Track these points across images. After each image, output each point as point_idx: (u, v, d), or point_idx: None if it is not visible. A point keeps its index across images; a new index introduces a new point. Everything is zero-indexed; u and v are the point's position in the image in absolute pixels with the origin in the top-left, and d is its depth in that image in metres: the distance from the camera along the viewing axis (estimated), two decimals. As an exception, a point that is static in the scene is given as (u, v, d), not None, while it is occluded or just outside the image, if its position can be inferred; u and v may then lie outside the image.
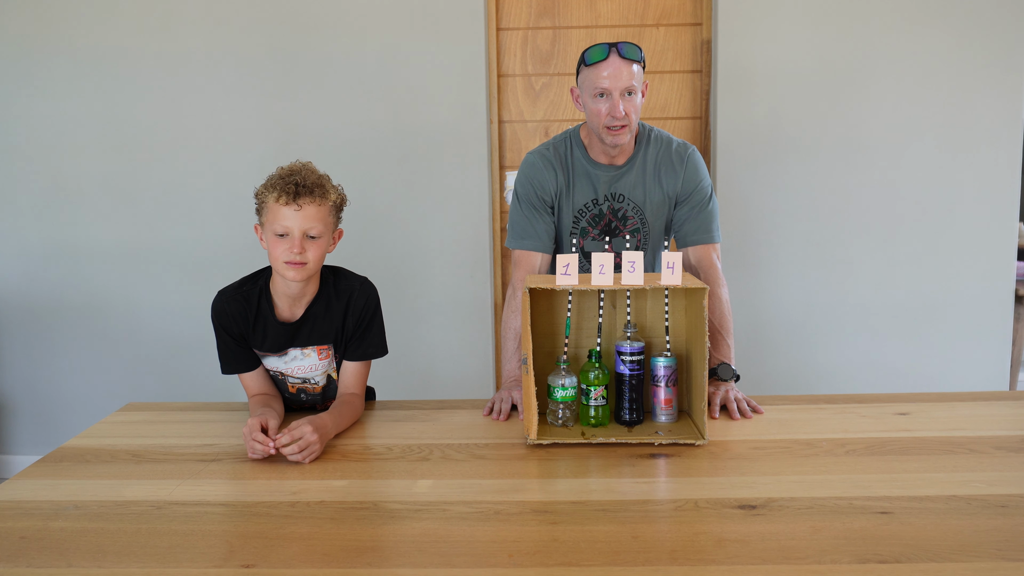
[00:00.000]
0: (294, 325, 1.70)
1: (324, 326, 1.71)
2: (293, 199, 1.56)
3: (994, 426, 1.62)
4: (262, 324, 1.69)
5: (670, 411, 1.64)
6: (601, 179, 1.93)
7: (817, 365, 3.02)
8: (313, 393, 1.79)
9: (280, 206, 1.57)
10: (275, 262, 1.60)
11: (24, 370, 3.19)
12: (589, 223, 1.96)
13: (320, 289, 1.71)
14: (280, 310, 1.69)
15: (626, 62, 1.78)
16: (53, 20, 2.99)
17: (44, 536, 1.24)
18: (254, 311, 1.68)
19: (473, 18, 2.92)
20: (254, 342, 1.70)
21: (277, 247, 1.58)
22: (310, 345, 1.71)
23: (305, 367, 1.73)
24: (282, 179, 1.58)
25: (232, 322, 1.68)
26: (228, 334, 1.69)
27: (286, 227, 1.57)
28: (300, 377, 1.75)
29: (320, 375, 1.76)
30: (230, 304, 1.68)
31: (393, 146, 2.99)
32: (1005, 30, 2.83)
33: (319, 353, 1.73)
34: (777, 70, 2.89)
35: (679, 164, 1.92)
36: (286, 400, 1.79)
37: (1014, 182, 2.91)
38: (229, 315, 1.68)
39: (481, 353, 3.07)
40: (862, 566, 1.08)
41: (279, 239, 1.58)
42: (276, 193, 1.57)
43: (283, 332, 1.70)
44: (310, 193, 1.57)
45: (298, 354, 1.72)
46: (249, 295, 1.69)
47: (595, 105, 1.81)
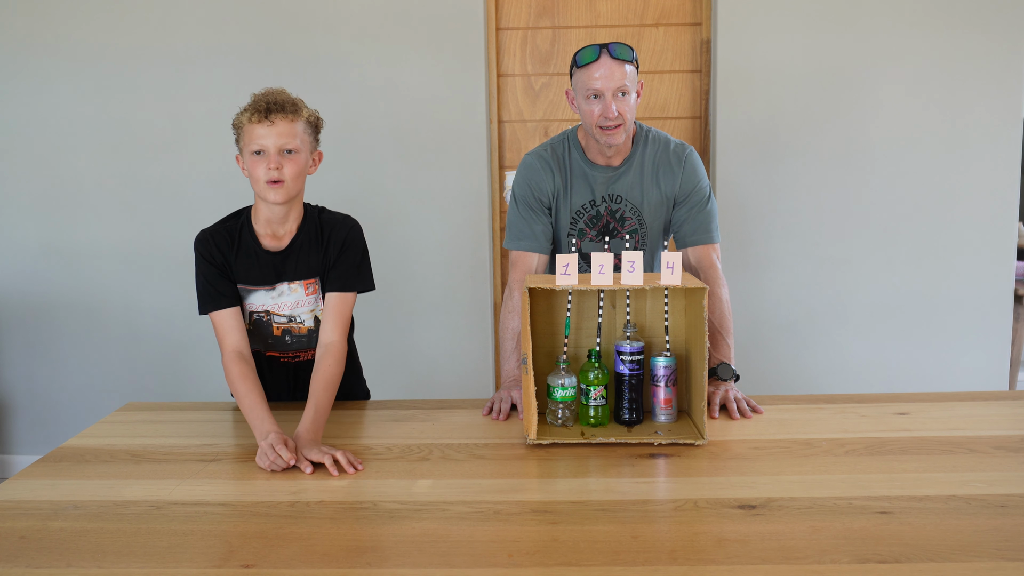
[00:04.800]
0: (281, 255, 1.72)
1: (311, 259, 1.73)
2: (265, 116, 1.60)
3: (993, 426, 1.62)
4: (248, 254, 1.71)
5: (670, 411, 1.64)
6: (598, 180, 1.93)
7: (817, 365, 3.02)
8: (299, 335, 1.78)
9: (254, 125, 1.60)
10: (257, 184, 1.63)
11: (24, 370, 3.19)
12: (587, 224, 1.96)
13: (305, 221, 1.74)
14: (264, 239, 1.71)
15: (618, 62, 1.78)
16: (53, 20, 2.99)
17: (44, 536, 1.24)
18: (237, 242, 1.71)
19: (473, 18, 2.92)
20: (241, 275, 1.71)
21: (256, 167, 1.61)
22: (297, 279, 1.73)
23: (292, 302, 1.74)
24: (255, 101, 1.63)
25: (217, 251, 1.70)
26: (212, 263, 1.69)
27: (261, 144, 1.60)
28: (286, 315, 1.75)
29: (307, 312, 1.76)
30: (214, 236, 1.71)
31: (393, 146, 2.99)
32: (1005, 30, 2.83)
33: (306, 288, 1.74)
34: (777, 70, 2.88)
35: (677, 165, 1.92)
36: (270, 347, 1.78)
37: (1014, 182, 2.91)
38: (214, 245, 1.70)
39: (481, 353, 3.07)
40: (862, 566, 1.08)
41: (257, 159, 1.61)
42: (249, 113, 1.61)
43: (270, 262, 1.71)
44: (281, 109, 1.61)
45: (286, 288, 1.73)
46: (232, 229, 1.73)
47: (588, 106, 1.81)
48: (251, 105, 1.63)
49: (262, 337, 1.77)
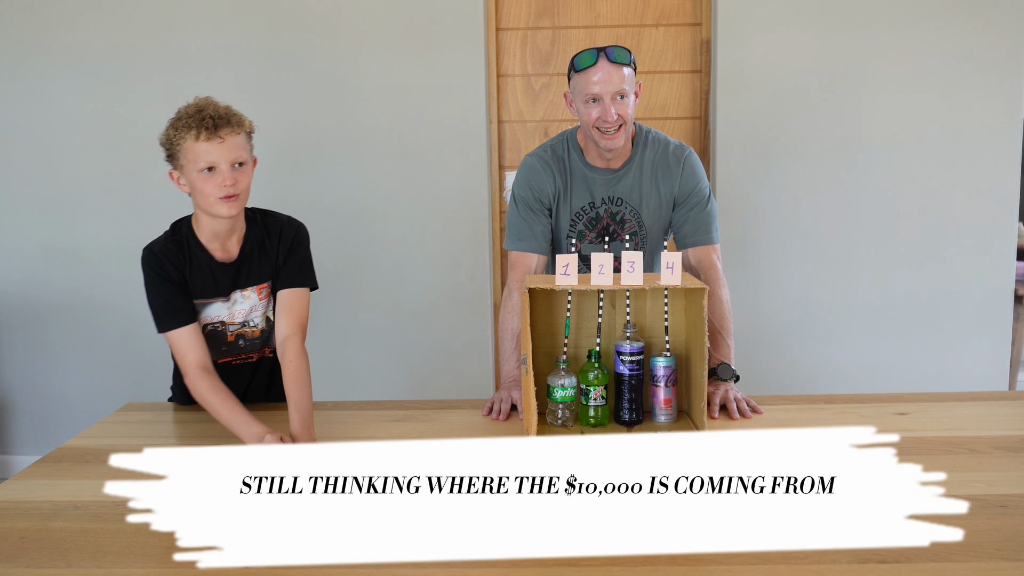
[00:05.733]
0: (234, 266, 1.70)
1: (262, 264, 1.72)
2: (214, 132, 1.55)
3: (993, 426, 1.62)
4: (201, 269, 1.68)
5: (669, 411, 1.64)
6: (598, 182, 1.93)
7: (817, 365, 3.02)
8: (252, 338, 1.77)
9: (202, 143, 1.55)
10: (206, 200, 1.59)
11: (24, 370, 3.19)
12: (586, 226, 1.96)
13: (249, 227, 1.72)
14: (214, 251, 1.69)
15: (616, 66, 1.77)
16: (53, 20, 2.99)
17: (44, 536, 1.24)
18: (187, 258, 1.67)
19: (473, 18, 2.92)
20: (196, 290, 1.69)
21: (207, 184, 1.57)
22: (250, 285, 1.72)
23: (246, 309, 1.74)
24: (194, 117, 1.56)
25: (173, 268, 1.66)
26: (166, 280, 1.65)
27: (212, 161, 1.56)
28: (240, 321, 1.75)
29: (259, 316, 1.76)
30: (164, 252, 1.66)
31: (393, 146, 2.99)
32: (1005, 30, 2.83)
33: (259, 292, 1.74)
34: (776, 70, 2.88)
35: (676, 166, 1.92)
36: (223, 354, 1.77)
37: (1014, 182, 2.91)
38: (168, 262, 1.65)
39: (481, 353, 3.07)
40: (862, 566, 1.09)
41: (208, 176, 1.57)
42: (194, 131, 1.55)
43: (225, 273, 1.70)
44: (227, 123, 1.57)
45: (239, 297, 1.72)
46: (180, 243, 1.68)
47: (587, 110, 1.81)
48: (192, 121, 1.56)
49: (215, 347, 1.76)
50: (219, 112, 1.58)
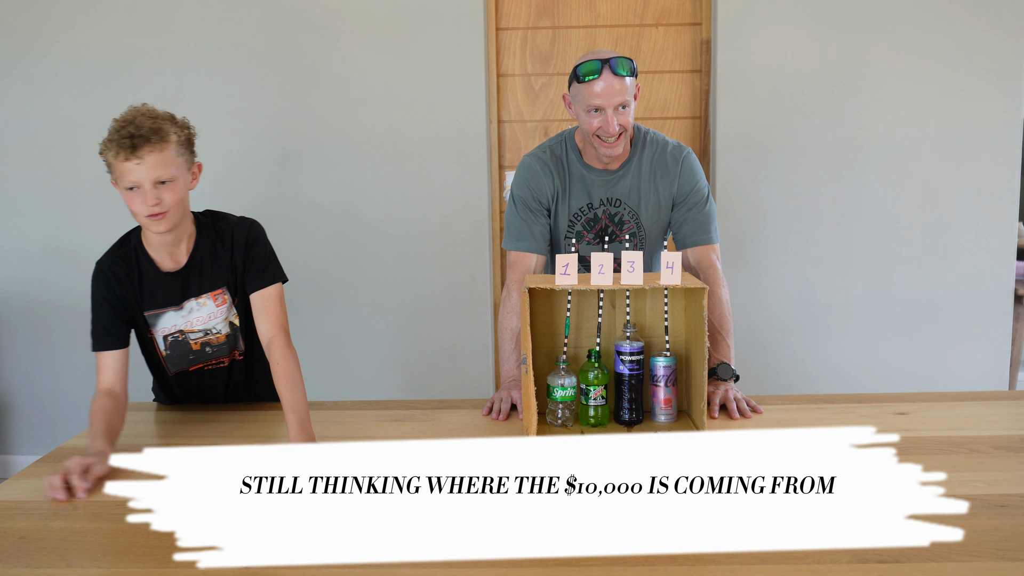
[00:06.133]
0: (182, 274, 1.68)
1: (214, 271, 1.70)
2: (132, 152, 1.51)
3: (993, 426, 1.62)
4: (149, 280, 1.66)
5: (669, 411, 1.64)
6: (596, 184, 1.93)
7: (817, 365, 3.02)
8: (218, 344, 1.76)
9: (122, 163, 1.52)
10: (138, 218, 1.59)
11: (24, 370, 3.19)
12: (584, 227, 1.96)
13: (200, 233, 1.70)
14: (161, 262, 1.67)
15: (619, 78, 1.77)
16: (52, 20, 2.99)
17: (44, 536, 1.24)
18: (136, 270, 1.66)
19: (473, 18, 2.92)
20: (146, 301, 1.67)
21: (133, 202, 1.55)
22: (203, 293, 1.70)
23: (204, 317, 1.72)
24: (118, 133, 1.53)
25: (117, 285, 1.64)
26: (108, 303, 1.64)
27: (134, 181, 1.53)
28: (201, 329, 1.73)
29: (220, 322, 1.74)
30: (112, 268, 1.65)
31: (393, 146, 2.98)
32: (1005, 30, 2.83)
33: (215, 299, 1.71)
34: (777, 70, 2.88)
35: (674, 167, 1.92)
36: (191, 362, 1.76)
37: (1014, 182, 2.91)
38: (113, 278, 1.64)
39: (481, 353, 3.07)
40: (862, 566, 1.09)
41: (132, 194, 1.55)
42: (114, 150, 1.52)
43: (172, 282, 1.68)
44: (148, 142, 1.52)
45: (194, 305, 1.70)
46: (127, 256, 1.66)
47: (588, 119, 1.81)
48: (115, 137, 1.53)
49: (183, 356, 1.75)
50: (141, 129, 1.53)
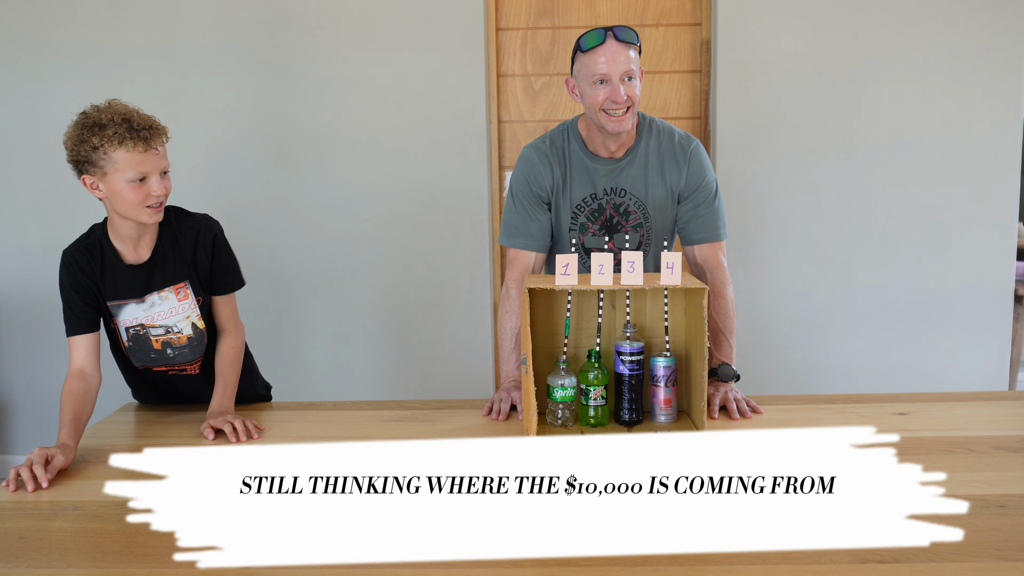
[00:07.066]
0: (146, 267, 1.71)
1: (176, 264, 1.73)
2: (148, 144, 1.57)
3: (993, 426, 1.62)
4: (112, 271, 1.69)
5: (669, 411, 1.64)
6: (600, 173, 1.86)
7: (817, 365, 3.02)
8: (180, 346, 1.77)
9: (135, 154, 1.56)
10: (131, 209, 1.60)
11: (24, 370, 3.19)
12: (588, 218, 1.89)
13: (163, 228, 1.73)
14: (125, 255, 1.70)
15: (623, 45, 1.72)
16: (53, 20, 2.99)
17: (44, 536, 1.24)
18: (99, 260, 1.69)
19: (473, 18, 2.92)
20: (109, 291, 1.70)
21: (136, 194, 1.58)
22: (166, 287, 1.73)
23: (165, 311, 1.74)
24: (123, 127, 1.56)
25: (81, 273, 1.68)
26: (75, 289, 1.68)
27: (144, 172, 1.58)
28: (162, 326, 1.74)
29: (183, 320, 1.75)
30: (77, 256, 1.69)
31: (393, 146, 2.99)
32: (1005, 30, 2.83)
33: (177, 293, 1.74)
34: (777, 70, 2.88)
35: (683, 159, 1.86)
36: (153, 361, 1.77)
37: (1014, 182, 2.91)
38: (78, 267, 1.68)
39: (481, 353, 3.07)
40: (862, 566, 1.09)
41: (138, 186, 1.58)
42: (128, 143, 1.55)
43: (136, 275, 1.71)
44: (156, 134, 1.60)
45: (156, 299, 1.72)
46: (92, 247, 1.70)
47: (593, 92, 1.74)
48: (121, 130, 1.56)
49: (144, 352, 1.76)
50: (147, 122, 1.59)
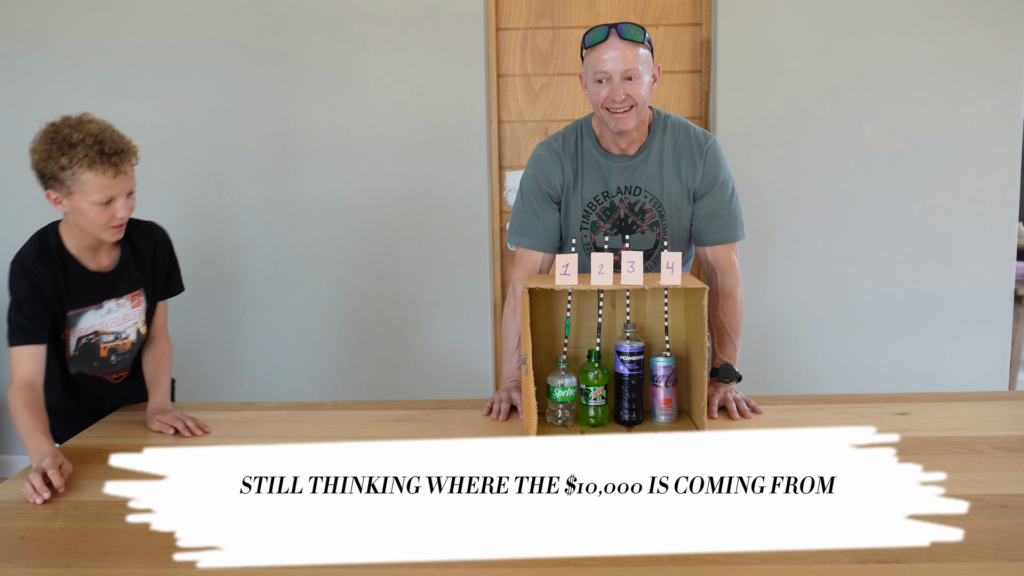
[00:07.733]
0: (111, 274, 1.71)
1: (136, 271, 1.75)
2: (118, 168, 1.55)
3: (993, 426, 1.62)
4: (74, 280, 1.67)
5: (669, 411, 1.64)
6: (613, 170, 1.83)
7: (817, 365, 3.02)
8: (123, 352, 1.78)
9: (104, 179, 1.54)
10: (94, 228, 1.59)
11: (24, 370, 3.19)
12: (600, 217, 1.85)
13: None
14: (85, 263, 1.69)
15: (627, 43, 1.69)
16: (52, 19, 2.99)
17: (44, 536, 1.24)
18: (62, 270, 1.66)
19: (473, 18, 2.92)
20: (70, 302, 1.68)
21: (101, 215, 1.57)
22: (125, 294, 1.73)
23: (120, 318, 1.74)
24: (93, 149, 1.53)
25: (43, 284, 1.63)
26: (36, 300, 1.62)
27: (111, 195, 1.56)
28: (113, 332, 1.74)
29: (131, 327, 1.77)
30: (38, 266, 1.63)
31: (393, 146, 2.99)
32: (1005, 30, 2.83)
33: (132, 300, 1.75)
34: (777, 70, 2.89)
35: (699, 155, 1.81)
36: (95, 368, 1.77)
37: (1014, 182, 2.91)
38: (40, 277, 1.62)
39: (481, 353, 3.07)
40: (862, 566, 1.09)
41: (103, 207, 1.56)
42: (98, 167, 1.53)
43: (100, 282, 1.70)
44: (125, 156, 1.57)
45: (113, 305, 1.73)
46: (52, 256, 1.65)
47: (596, 89, 1.72)
48: (91, 153, 1.53)
49: (88, 360, 1.76)
50: (117, 145, 1.56)
